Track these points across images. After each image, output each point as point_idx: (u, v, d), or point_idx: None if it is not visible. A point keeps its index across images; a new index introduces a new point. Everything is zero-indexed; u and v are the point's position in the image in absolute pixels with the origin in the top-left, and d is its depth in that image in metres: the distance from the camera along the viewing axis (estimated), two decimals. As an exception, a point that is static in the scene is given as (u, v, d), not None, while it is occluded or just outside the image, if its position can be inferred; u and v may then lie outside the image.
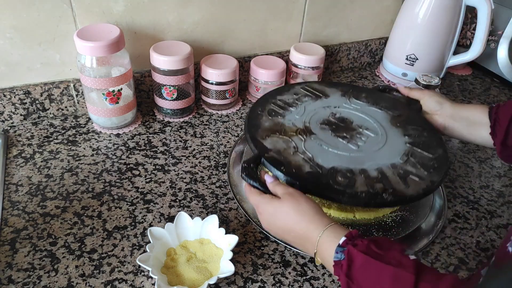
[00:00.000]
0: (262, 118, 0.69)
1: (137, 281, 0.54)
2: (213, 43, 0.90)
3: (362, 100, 0.77)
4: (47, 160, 0.71)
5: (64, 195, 0.65)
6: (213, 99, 0.86)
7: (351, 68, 1.13)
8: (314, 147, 0.64)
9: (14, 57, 0.73)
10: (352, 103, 0.76)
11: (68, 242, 0.58)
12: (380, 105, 0.76)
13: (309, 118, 0.71)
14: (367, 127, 0.70)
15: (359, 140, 0.67)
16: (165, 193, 0.67)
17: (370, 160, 0.63)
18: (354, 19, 1.05)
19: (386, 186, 0.58)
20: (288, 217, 0.50)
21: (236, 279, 0.55)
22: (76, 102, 0.81)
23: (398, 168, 0.62)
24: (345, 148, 0.65)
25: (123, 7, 0.77)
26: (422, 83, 0.87)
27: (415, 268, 0.41)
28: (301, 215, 0.50)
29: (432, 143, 0.67)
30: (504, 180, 0.77)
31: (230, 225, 0.63)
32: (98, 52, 0.69)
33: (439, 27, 0.97)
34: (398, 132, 0.70)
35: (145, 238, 0.59)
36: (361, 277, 0.43)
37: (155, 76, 0.79)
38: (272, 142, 0.64)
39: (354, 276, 0.43)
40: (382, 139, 0.68)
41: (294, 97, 0.76)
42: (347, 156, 0.63)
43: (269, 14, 0.92)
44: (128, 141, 0.77)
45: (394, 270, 0.41)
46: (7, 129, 0.77)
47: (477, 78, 1.13)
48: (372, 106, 0.76)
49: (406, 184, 0.59)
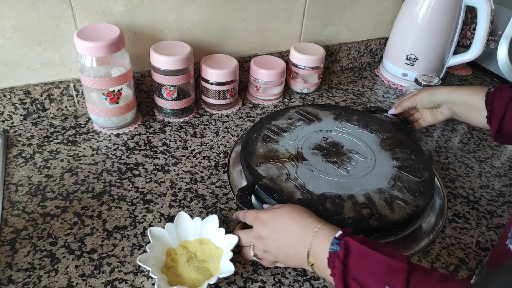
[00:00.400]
0: (257, 145, 0.72)
1: (137, 281, 0.54)
2: (213, 43, 0.90)
3: (353, 123, 0.80)
4: (47, 160, 0.71)
5: (64, 195, 0.65)
6: (213, 99, 0.86)
7: (351, 68, 1.13)
8: (306, 173, 0.67)
9: (14, 57, 0.73)
10: (344, 126, 0.79)
11: (68, 242, 0.58)
12: (371, 128, 0.79)
13: (302, 143, 0.74)
14: (357, 151, 0.73)
15: (348, 165, 0.69)
16: (165, 193, 0.67)
17: (358, 185, 0.66)
18: (354, 19, 1.05)
19: (373, 211, 0.61)
20: (285, 217, 0.52)
21: (236, 279, 0.55)
22: (76, 102, 0.81)
23: (385, 193, 0.64)
24: (335, 173, 0.68)
25: (123, 7, 0.77)
26: (422, 83, 0.87)
27: (408, 260, 0.43)
28: (297, 214, 0.52)
29: (419, 166, 0.70)
30: (504, 180, 0.77)
31: (230, 225, 0.63)
32: (98, 52, 0.69)
33: (439, 27, 0.97)
34: (387, 155, 0.72)
35: (145, 238, 0.59)
36: (356, 265, 0.44)
37: (155, 76, 0.79)
38: (266, 169, 0.67)
39: (350, 264, 0.44)
40: (371, 163, 0.70)
41: (288, 121, 0.79)
42: (336, 182, 0.66)
43: (269, 14, 0.92)
44: (128, 141, 0.77)
45: (388, 260, 0.42)
46: (7, 129, 0.77)
47: (477, 78, 1.13)
48: (363, 129, 0.79)
49: (392, 209, 0.62)
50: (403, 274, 0.41)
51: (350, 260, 0.44)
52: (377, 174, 0.68)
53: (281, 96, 0.96)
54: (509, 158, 0.83)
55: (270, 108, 0.91)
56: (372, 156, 0.72)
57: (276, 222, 0.52)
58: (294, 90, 0.99)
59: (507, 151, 0.85)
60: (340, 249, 0.45)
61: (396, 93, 1.03)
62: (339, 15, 1.02)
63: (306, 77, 0.96)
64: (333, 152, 0.72)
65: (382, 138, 0.76)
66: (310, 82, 0.97)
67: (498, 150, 0.85)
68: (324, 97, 0.98)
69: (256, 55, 0.96)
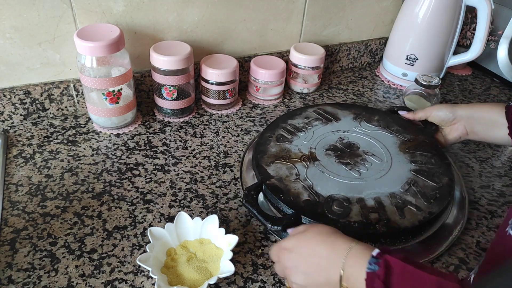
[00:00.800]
0: (270, 144, 0.71)
1: (137, 281, 0.54)
2: (213, 43, 0.90)
3: (373, 123, 0.76)
4: (47, 160, 0.71)
5: (64, 195, 0.65)
6: (213, 99, 0.86)
7: (351, 68, 1.13)
8: (316, 174, 0.65)
9: (14, 57, 0.73)
10: (362, 127, 0.76)
11: (68, 242, 0.58)
12: (392, 129, 0.75)
13: (316, 143, 0.71)
14: (373, 153, 0.69)
15: (362, 167, 0.66)
16: (165, 193, 0.67)
17: (369, 188, 0.62)
18: (354, 19, 1.05)
19: (381, 216, 0.58)
20: (312, 240, 0.47)
21: (236, 279, 0.55)
22: (76, 102, 0.81)
23: (397, 198, 0.61)
24: (346, 175, 0.65)
25: (123, 7, 0.77)
26: (422, 83, 0.87)
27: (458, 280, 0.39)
28: (326, 235, 0.47)
29: (438, 171, 0.66)
30: (505, 180, 0.77)
31: (230, 225, 0.63)
32: (98, 52, 0.69)
33: (439, 27, 0.97)
34: (405, 158, 0.69)
35: (145, 238, 0.59)
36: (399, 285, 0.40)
37: (155, 76, 0.79)
38: (275, 168, 0.65)
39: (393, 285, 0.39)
40: (386, 166, 0.67)
41: (305, 121, 0.77)
42: (347, 184, 0.63)
43: (269, 14, 0.92)
44: (128, 141, 0.77)
45: (438, 279, 0.38)
46: (7, 129, 0.77)
47: (477, 78, 1.13)
48: (383, 130, 0.75)
49: (402, 215, 0.58)
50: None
51: (393, 280, 0.39)
52: (392, 178, 0.65)
53: (281, 96, 0.96)
54: (509, 158, 0.83)
55: (270, 108, 0.91)
56: (389, 159, 0.68)
57: (303, 248, 0.47)
58: (294, 90, 0.99)
59: (507, 151, 0.85)
60: (379, 268, 0.40)
61: (396, 93, 1.03)
62: (339, 15, 1.02)
63: (306, 77, 0.96)
64: (348, 154, 0.69)
65: (403, 140, 0.73)
66: (310, 82, 0.97)
67: (498, 150, 0.85)
68: (324, 97, 0.98)
69: (256, 55, 0.96)
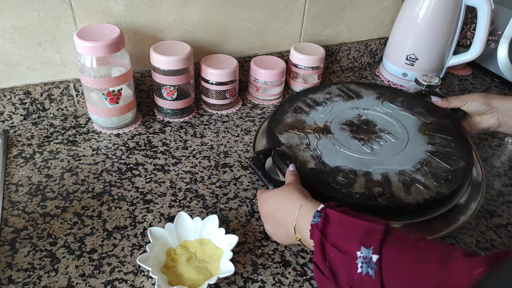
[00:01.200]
0: (287, 115, 0.71)
1: (137, 281, 0.54)
2: (213, 43, 0.90)
3: (396, 104, 0.75)
4: (47, 160, 0.71)
5: (64, 195, 0.65)
6: (213, 99, 0.86)
7: (351, 68, 1.13)
8: (327, 145, 0.65)
9: (14, 57, 0.73)
10: (384, 106, 0.75)
11: (68, 242, 0.58)
12: (415, 110, 0.74)
13: (332, 118, 0.71)
14: (389, 132, 0.68)
15: (375, 143, 0.66)
16: (165, 193, 0.67)
17: (379, 164, 0.62)
18: (354, 19, 1.05)
19: (385, 190, 0.57)
20: (278, 196, 0.54)
21: (236, 279, 0.55)
22: (76, 102, 0.81)
23: (405, 175, 0.60)
24: (358, 149, 0.64)
25: (123, 7, 0.77)
26: (422, 83, 0.87)
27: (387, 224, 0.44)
28: (288, 192, 0.53)
29: (456, 155, 0.64)
30: (504, 179, 0.77)
31: (230, 225, 0.63)
32: (98, 52, 0.69)
33: (439, 27, 0.97)
34: (423, 139, 0.68)
35: (145, 238, 0.59)
36: (334, 231, 0.45)
37: (155, 76, 0.79)
38: (287, 137, 0.66)
39: (328, 232, 0.45)
40: (401, 145, 0.66)
41: (326, 96, 0.76)
42: (356, 158, 0.63)
43: (269, 14, 0.92)
44: (128, 141, 0.77)
45: (367, 224, 0.43)
46: (7, 129, 0.77)
47: (477, 78, 1.13)
48: (406, 111, 0.74)
49: (408, 192, 0.58)
50: (379, 234, 0.42)
51: (329, 229, 0.45)
52: (404, 157, 0.63)
53: (281, 96, 0.96)
54: (509, 158, 0.83)
55: (270, 108, 0.91)
56: (405, 138, 0.67)
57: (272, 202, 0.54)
58: (294, 90, 0.99)
59: (507, 151, 0.85)
60: (320, 220, 0.46)
61: (396, 93, 1.03)
62: (339, 15, 1.02)
63: (306, 77, 0.96)
64: (363, 130, 0.69)
65: (424, 122, 0.71)
66: (310, 82, 0.97)
67: (498, 149, 0.85)
68: (324, 97, 0.98)
69: (256, 55, 0.96)
